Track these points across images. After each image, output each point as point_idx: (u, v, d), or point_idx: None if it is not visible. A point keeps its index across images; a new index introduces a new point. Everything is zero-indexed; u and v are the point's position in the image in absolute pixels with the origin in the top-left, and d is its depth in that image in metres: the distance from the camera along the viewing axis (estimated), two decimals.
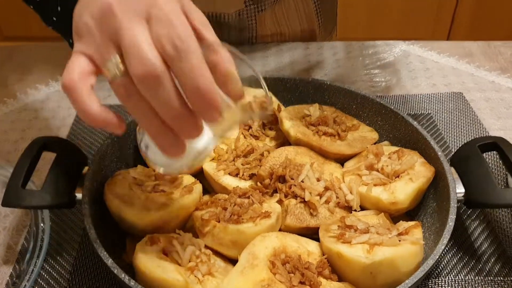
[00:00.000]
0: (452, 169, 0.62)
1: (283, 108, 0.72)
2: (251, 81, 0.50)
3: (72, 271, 0.62)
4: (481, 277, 0.61)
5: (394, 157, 0.64)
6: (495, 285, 0.60)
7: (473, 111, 0.87)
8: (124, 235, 0.62)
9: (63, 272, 0.62)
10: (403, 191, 0.60)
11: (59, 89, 0.93)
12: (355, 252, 0.53)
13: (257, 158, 0.66)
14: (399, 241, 0.54)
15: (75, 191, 0.60)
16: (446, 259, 0.63)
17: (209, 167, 0.65)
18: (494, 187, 0.58)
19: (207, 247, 0.57)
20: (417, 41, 1.06)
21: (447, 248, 0.64)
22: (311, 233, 0.60)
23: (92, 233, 0.54)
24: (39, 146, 0.63)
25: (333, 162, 0.67)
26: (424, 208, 0.64)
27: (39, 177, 0.62)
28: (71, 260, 0.63)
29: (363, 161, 0.65)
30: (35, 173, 0.67)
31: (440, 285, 0.60)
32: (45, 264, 0.63)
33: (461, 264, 0.62)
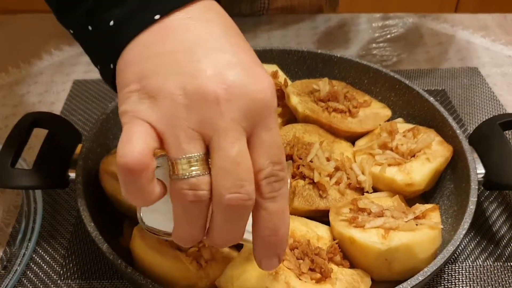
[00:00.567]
0: (471, 148, 0.58)
1: (289, 82, 0.68)
2: None
3: (66, 254, 0.58)
4: (500, 263, 0.57)
5: (409, 135, 0.60)
6: None
7: (489, 87, 0.83)
8: (121, 218, 0.58)
9: (56, 255, 0.58)
10: (420, 172, 0.56)
11: (52, 62, 0.89)
12: (369, 237, 0.49)
13: None
14: (416, 225, 0.51)
15: (68, 170, 0.56)
16: (463, 244, 0.59)
17: None
18: None
19: None
20: (429, 14, 1.01)
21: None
22: (320, 216, 0.56)
23: (86, 215, 0.51)
24: (29, 122, 0.59)
25: (343, 140, 0.63)
26: (440, 190, 0.60)
27: (32, 156, 0.58)
28: (65, 243, 0.60)
29: (376, 140, 0.61)
30: (28, 151, 0.63)
31: (457, 272, 0.57)
32: (37, 247, 0.59)
33: (479, 249, 0.59)
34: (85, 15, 0.40)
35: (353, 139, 0.64)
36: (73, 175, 0.56)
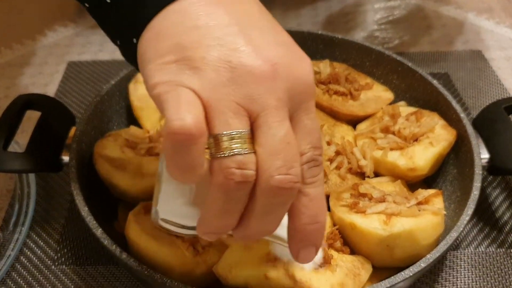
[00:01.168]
0: (475, 132, 0.57)
1: None
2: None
3: (60, 239, 0.57)
4: (503, 249, 0.56)
5: (412, 119, 0.59)
6: None
7: (492, 71, 0.81)
8: (116, 202, 0.57)
9: (50, 240, 0.57)
10: (423, 156, 0.55)
11: (46, 43, 0.86)
12: (370, 223, 0.48)
13: None
14: (419, 211, 0.49)
15: (61, 153, 0.55)
16: (465, 230, 0.58)
17: None
18: None
19: None
20: None
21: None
22: None
23: (79, 200, 0.49)
24: (21, 104, 0.58)
25: (344, 124, 0.62)
26: (443, 175, 0.59)
27: (26, 139, 0.56)
28: (59, 227, 0.58)
29: (378, 123, 0.59)
30: (21, 134, 0.62)
31: (459, 258, 0.56)
32: (31, 231, 0.58)
33: (481, 235, 0.58)
34: None
35: (354, 122, 0.63)
36: (66, 158, 0.54)
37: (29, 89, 0.77)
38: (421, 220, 0.48)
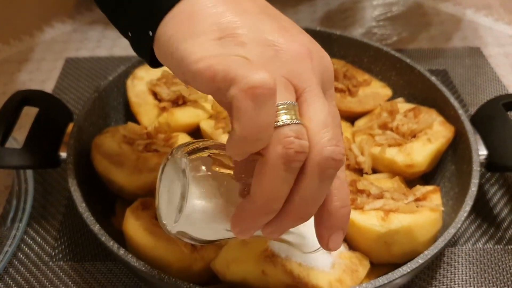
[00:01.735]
0: (473, 129, 0.57)
1: None
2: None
3: (57, 236, 0.57)
4: (501, 246, 0.56)
5: (410, 116, 0.59)
6: None
7: (491, 67, 0.81)
8: (113, 198, 0.57)
9: (48, 237, 0.57)
10: (421, 153, 0.55)
11: (44, 39, 0.86)
12: (368, 219, 0.48)
13: None
14: (417, 207, 0.49)
15: (59, 149, 0.55)
16: (463, 226, 0.58)
17: (207, 125, 0.59)
18: None
19: None
20: None
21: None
22: None
23: (77, 196, 0.49)
24: (19, 100, 0.57)
25: (342, 120, 0.62)
26: (441, 171, 0.59)
27: (24, 135, 0.56)
28: (56, 224, 0.58)
29: (376, 120, 0.59)
30: (20, 130, 0.61)
31: (457, 254, 0.56)
32: (28, 228, 0.58)
33: (479, 232, 0.58)
34: None
35: (352, 119, 0.63)
36: (64, 154, 0.54)
37: (27, 85, 0.77)
38: (419, 216, 0.48)
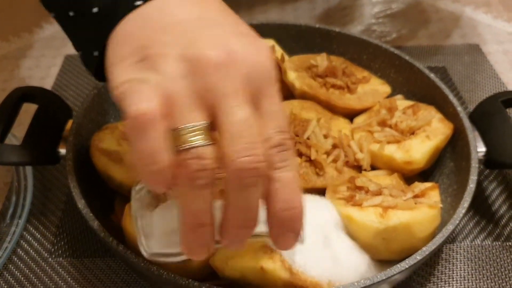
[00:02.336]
0: (472, 126, 0.57)
1: (287, 58, 0.66)
2: None
3: (57, 232, 0.57)
4: (499, 243, 0.57)
5: (409, 113, 0.59)
6: None
7: (490, 65, 0.81)
8: (112, 195, 0.57)
9: (47, 233, 0.57)
10: (419, 150, 0.55)
11: (43, 36, 0.86)
12: (366, 216, 0.48)
13: None
14: (415, 204, 0.49)
15: (58, 146, 0.55)
16: (461, 223, 0.58)
17: None
18: None
19: None
20: None
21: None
22: (316, 194, 0.55)
23: (76, 192, 0.49)
24: (18, 97, 0.57)
25: (341, 117, 0.62)
26: (440, 168, 0.59)
27: (23, 132, 0.56)
28: (56, 220, 0.58)
29: (375, 117, 0.59)
30: (18, 127, 0.62)
31: (455, 251, 0.56)
32: (28, 224, 0.58)
33: (477, 228, 0.58)
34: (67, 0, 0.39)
35: (351, 116, 0.63)
36: (63, 151, 0.54)
37: (26, 82, 0.77)
38: (418, 213, 0.48)
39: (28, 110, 0.58)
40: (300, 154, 0.56)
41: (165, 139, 0.32)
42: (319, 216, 0.49)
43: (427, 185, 0.52)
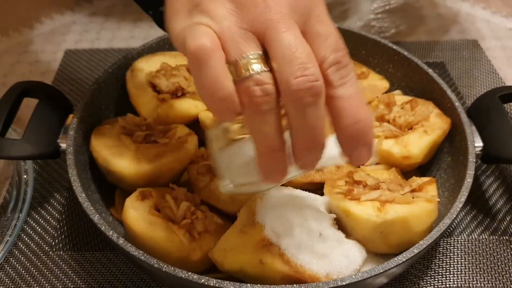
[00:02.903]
0: (470, 121, 0.57)
1: None
2: None
3: (58, 226, 0.58)
4: (496, 237, 0.57)
5: (407, 108, 0.59)
6: (511, 245, 0.56)
7: (488, 60, 0.81)
8: (113, 189, 0.57)
9: (48, 226, 0.58)
10: (417, 145, 0.55)
11: (43, 31, 0.86)
12: (364, 210, 0.49)
13: None
14: (412, 198, 0.50)
15: (59, 140, 0.55)
16: (459, 217, 0.59)
17: (206, 117, 0.60)
18: None
19: (203, 202, 0.52)
20: None
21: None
22: (315, 189, 0.55)
23: (77, 186, 0.50)
24: (19, 91, 0.58)
25: None
26: (437, 162, 0.60)
27: (23, 126, 0.57)
28: (56, 214, 0.59)
29: (373, 112, 0.60)
30: (20, 122, 0.62)
31: (452, 245, 0.56)
32: (28, 218, 0.58)
33: (474, 222, 0.59)
34: None
35: None
36: (64, 145, 0.54)
37: (27, 76, 0.78)
38: (415, 207, 0.49)
39: (28, 104, 0.58)
40: None
41: (225, 67, 0.34)
42: (316, 212, 0.50)
43: (425, 179, 0.53)
